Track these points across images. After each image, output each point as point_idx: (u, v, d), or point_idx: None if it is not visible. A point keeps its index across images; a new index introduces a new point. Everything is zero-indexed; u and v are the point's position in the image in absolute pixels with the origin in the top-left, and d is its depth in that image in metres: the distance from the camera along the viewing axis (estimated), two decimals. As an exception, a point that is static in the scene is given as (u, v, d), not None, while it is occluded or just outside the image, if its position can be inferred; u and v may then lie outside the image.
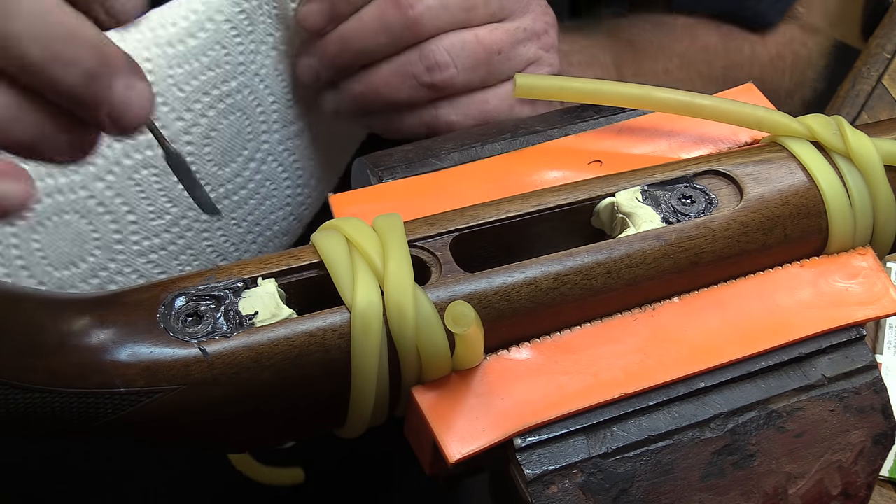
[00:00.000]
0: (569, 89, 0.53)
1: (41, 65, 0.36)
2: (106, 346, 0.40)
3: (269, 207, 0.64)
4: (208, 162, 0.59)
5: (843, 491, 0.48)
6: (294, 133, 0.63)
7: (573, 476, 0.43)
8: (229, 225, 0.62)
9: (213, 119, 0.58)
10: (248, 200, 0.62)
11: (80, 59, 0.36)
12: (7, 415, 0.39)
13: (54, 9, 0.36)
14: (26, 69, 0.36)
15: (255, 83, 0.60)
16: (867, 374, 0.48)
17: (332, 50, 0.59)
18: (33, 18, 0.35)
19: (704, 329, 0.47)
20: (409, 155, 0.54)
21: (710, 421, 0.45)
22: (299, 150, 0.64)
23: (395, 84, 0.59)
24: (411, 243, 0.45)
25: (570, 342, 0.46)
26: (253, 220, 0.63)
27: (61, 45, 0.36)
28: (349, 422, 0.45)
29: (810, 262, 0.50)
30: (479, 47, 0.58)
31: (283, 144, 0.63)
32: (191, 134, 0.57)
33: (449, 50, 0.57)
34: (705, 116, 0.52)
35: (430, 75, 0.58)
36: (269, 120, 0.61)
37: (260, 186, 0.62)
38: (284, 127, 0.63)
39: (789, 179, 0.49)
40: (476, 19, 0.58)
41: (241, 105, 0.59)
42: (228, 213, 0.61)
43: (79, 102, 0.37)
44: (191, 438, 0.44)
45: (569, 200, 0.48)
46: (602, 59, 0.74)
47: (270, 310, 0.43)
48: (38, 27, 0.35)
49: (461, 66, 0.58)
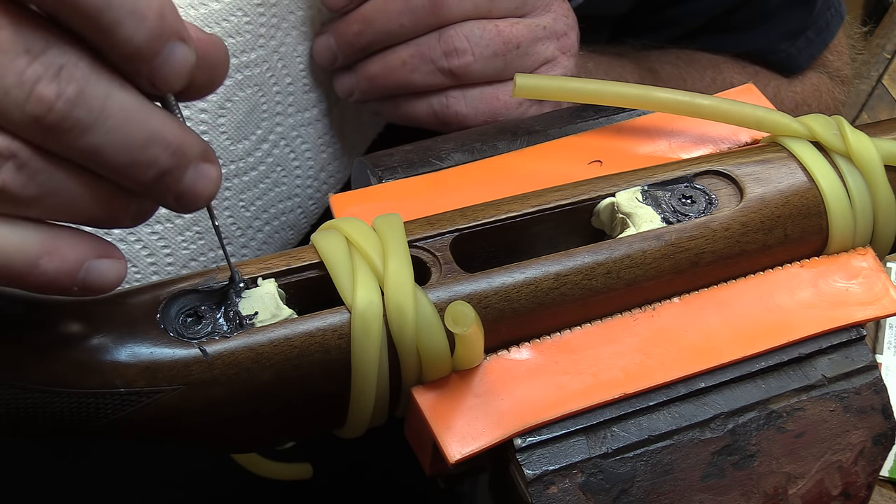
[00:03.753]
0: (569, 89, 0.53)
1: (121, 168, 0.36)
2: (106, 346, 0.40)
3: (278, 195, 0.64)
4: (221, 134, 0.58)
5: (843, 491, 0.48)
6: (308, 120, 0.63)
7: (573, 476, 0.43)
8: (237, 206, 0.62)
9: (230, 89, 0.57)
10: (258, 183, 0.62)
11: (157, 160, 0.36)
12: (7, 415, 0.39)
13: (136, 113, 0.35)
14: (107, 171, 0.36)
15: (274, 60, 0.59)
16: (867, 374, 0.48)
17: (353, 29, 0.59)
18: (116, 130, 0.35)
19: (704, 329, 0.47)
20: (410, 155, 0.54)
21: (710, 421, 0.45)
22: (312, 139, 0.64)
23: (412, 66, 0.59)
24: (411, 243, 0.45)
25: (570, 342, 0.46)
26: (261, 206, 0.63)
27: (140, 150, 0.36)
28: (349, 422, 0.45)
29: (810, 262, 0.50)
30: (499, 38, 0.58)
31: (296, 130, 0.63)
32: (206, 100, 0.56)
33: (468, 37, 0.58)
34: (705, 116, 0.52)
35: (448, 60, 0.58)
36: (285, 102, 0.61)
37: (270, 171, 0.62)
38: (299, 112, 0.62)
39: (789, 179, 0.49)
40: (498, 11, 0.59)
41: (258, 80, 0.59)
42: (237, 194, 0.61)
43: (147, 191, 0.37)
44: (191, 438, 0.44)
45: (569, 200, 0.48)
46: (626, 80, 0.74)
47: (270, 310, 0.43)
48: (120, 138, 0.35)
49: (478, 55, 0.58)
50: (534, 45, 0.60)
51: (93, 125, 0.34)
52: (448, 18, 0.58)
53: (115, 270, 0.37)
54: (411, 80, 0.59)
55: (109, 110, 0.35)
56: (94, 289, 0.37)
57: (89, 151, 0.35)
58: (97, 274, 0.37)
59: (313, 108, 0.63)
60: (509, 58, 0.59)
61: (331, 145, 0.66)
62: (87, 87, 0.34)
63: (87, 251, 0.37)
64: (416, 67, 0.59)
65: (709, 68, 0.80)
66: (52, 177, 0.35)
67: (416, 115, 0.61)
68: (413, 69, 0.59)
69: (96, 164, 0.36)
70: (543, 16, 0.61)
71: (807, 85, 0.85)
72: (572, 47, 0.62)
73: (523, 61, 0.60)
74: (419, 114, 0.61)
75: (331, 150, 0.66)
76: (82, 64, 0.34)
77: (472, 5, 0.58)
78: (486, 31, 0.58)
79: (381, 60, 0.60)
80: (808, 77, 0.85)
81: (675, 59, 0.80)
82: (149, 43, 0.35)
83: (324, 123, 0.65)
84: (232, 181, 0.61)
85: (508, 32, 0.59)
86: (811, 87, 0.85)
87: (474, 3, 0.58)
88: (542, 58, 0.60)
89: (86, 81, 0.34)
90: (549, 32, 0.60)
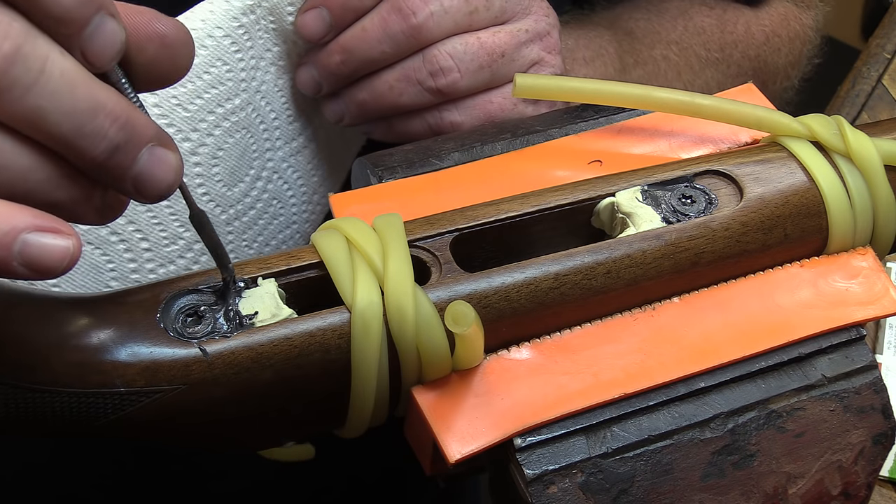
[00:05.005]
0: (568, 89, 0.53)
1: (68, 137, 0.36)
2: (106, 345, 0.40)
3: (277, 227, 0.64)
4: (217, 182, 0.58)
5: (843, 491, 0.48)
6: (296, 149, 0.63)
7: (573, 476, 0.43)
8: (240, 247, 0.62)
9: (220, 138, 0.57)
10: (258, 220, 0.62)
11: (104, 132, 0.36)
12: (7, 415, 0.39)
13: (79, 80, 0.36)
14: (54, 141, 0.36)
15: (257, 100, 0.59)
16: (867, 374, 0.48)
17: (335, 60, 0.59)
18: (59, 93, 0.35)
19: (704, 329, 0.47)
20: (409, 155, 0.54)
21: (710, 421, 0.45)
22: (302, 166, 0.64)
23: (400, 90, 0.59)
24: (411, 243, 0.45)
25: (570, 342, 0.46)
26: (262, 241, 0.63)
27: (87, 118, 0.36)
28: (349, 422, 0.45)
29: (810, 262, 0.50)
30: (482, 51, 0.58)
31: (286, 161, 0.63)
32: (198, 154, 0.57)
33: (452, 54, 0.58)
34: (705, 116, 0.52)
35: (435, 80, 0.58)
36: (273, 137, 0.61)
37: (268, 206, 0.62)
38: (287, 144, 0.62)
39: (789, 179, 0.49)
40: (478, 23, 0.58)
41: (245, 123, 0.59)
42: (239, 235, 0.61)
43: (102, 172, 0.37)
44: (191, 438, 0.44)
45: (569, 200, 0.48)
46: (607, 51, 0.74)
47: (270, 310, 0.43)
48: (64, 102, 0.35)
49: (465, 70, 0.58)
50: (518, 50, 0.60)
51: (33, 85, 0.35)
52: (429, 39, 0.57)
53: (59, 247, 0.36)
54: (401, 102, 0.59)
55: (50, 72, 0.35)
56: (37, 266, 0.36)
57: (32, 115, 0.35)
58: (37, 248, 0.35)
59: (300, 137, 0.63)
60: (495, 67, 0.59)
61: (320, 167, 0.66)
62: (24, 46, 0.34)
63: (23, 222, 0.35)
64: (403, 91, 0.59)
65: (679, 17, 0.80)
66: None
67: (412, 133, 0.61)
68: (401, 92, 0.59)
69: (42, 132, 0.35)
70: (524, 20, 0.60)
71: (774, 16, 0.85)
72: (556, 45, 0.62)
73: (510, 68, 0.59)
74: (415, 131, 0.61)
75: (321, 172, 0.66)
76: (16, 24, 0.34)
77: (451, 23, 0.57)
78: (469, 45, 0.58)
79: (368, 87, 0.60)
80: (774, 7, 0.85)
81: (646, 14, 0.80)
82: (77, 8, 0.35)
83: (311, 149, 0.65)
84: (233, 224, 0.61)
85: (491, 43, 0.58)
86: (779, 17, 0.85)
87: (453, 20, 0.57)
88: (528, 61, 0.60)
89: (22, 40, 0.34)
90: (531, 35, 0.60)
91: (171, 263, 0.58)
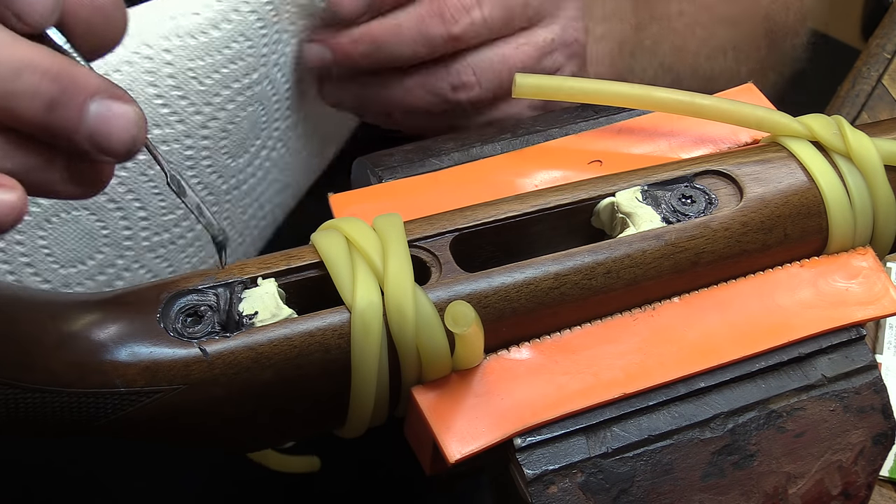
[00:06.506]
0: (568, 89, 0.53)
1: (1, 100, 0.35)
2: (106, 345, 0.40)
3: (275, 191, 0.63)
4: (223, 155, 0.57)
5: (843, 491, 0.48)
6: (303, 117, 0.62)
7: (573, 476, 0.43)
8: (236, 213, 0.61)
9: (232, 112, 0.56)
10: (256, 188, 0.61)
11: (35, 88, 0.35)
12: (7, 415, 0.39)
13: (2, 44, 0.35)
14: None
15: (274, 73, 0.58)
16: (867, 374, 0.48)
17: (360, 50, 0.57)
18: None
19: (704, 329, 0.47)
20: (409, 155, 0.54)
21: (710, 421, 0.45)
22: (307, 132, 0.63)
23: (416, 96, 0.58)
24: (411, 243, 0.45)
25: (570, 342, 0.46)
26: (257, 206, 0.63)
27: (14, 77, 0.35)
28: (349, 422, 0.45)
29: (810, 262, 0.50)
30: (505, 67, 0.58)
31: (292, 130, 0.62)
32: (209, 128, 0.55)
33: (476, 70, 0.58)
34: (705, 116, 0.52)
35: (455, 93, 0.58)
36: (283, 107, 0.60)
37: (267, 173, 0.62)
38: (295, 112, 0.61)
39: (789, 179, 0.49)
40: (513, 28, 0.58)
41: (259, 96, 0.57)
42: (237, 203, 0.61)
43: (48, 132, 0.36)
44: (191, 438, 0.44)
45: (569, 200, 0.48)
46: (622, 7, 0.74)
47: (270, 310, 0.43)
48: None
49: (485, 86, 0.58)
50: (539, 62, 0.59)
51: None
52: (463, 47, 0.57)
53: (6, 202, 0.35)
54: (410, 103, 0.59)
55: None
56: None
57: None
58: None
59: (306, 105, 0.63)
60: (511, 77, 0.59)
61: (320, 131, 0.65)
62: None
63: None
64: (420, 97, 0.58)
65: None
66: None
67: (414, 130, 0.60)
68: (417, 98, 0.58)
69: None
70: (551, 26, 0.60)
71: None
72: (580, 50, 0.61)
73: None
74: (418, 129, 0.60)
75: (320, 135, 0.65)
76: None
77: (489, 31, 0.57)
78: (494, 62, 0.58)
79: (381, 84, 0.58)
80: None
81: None
82: None
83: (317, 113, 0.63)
84: (232, 193, 0.60)
85: (514, 58, 0.58)
86: None
87: (490, 29, 0.57)
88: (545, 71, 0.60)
89: None
90: (556, 44, 0.60)
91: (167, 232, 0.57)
